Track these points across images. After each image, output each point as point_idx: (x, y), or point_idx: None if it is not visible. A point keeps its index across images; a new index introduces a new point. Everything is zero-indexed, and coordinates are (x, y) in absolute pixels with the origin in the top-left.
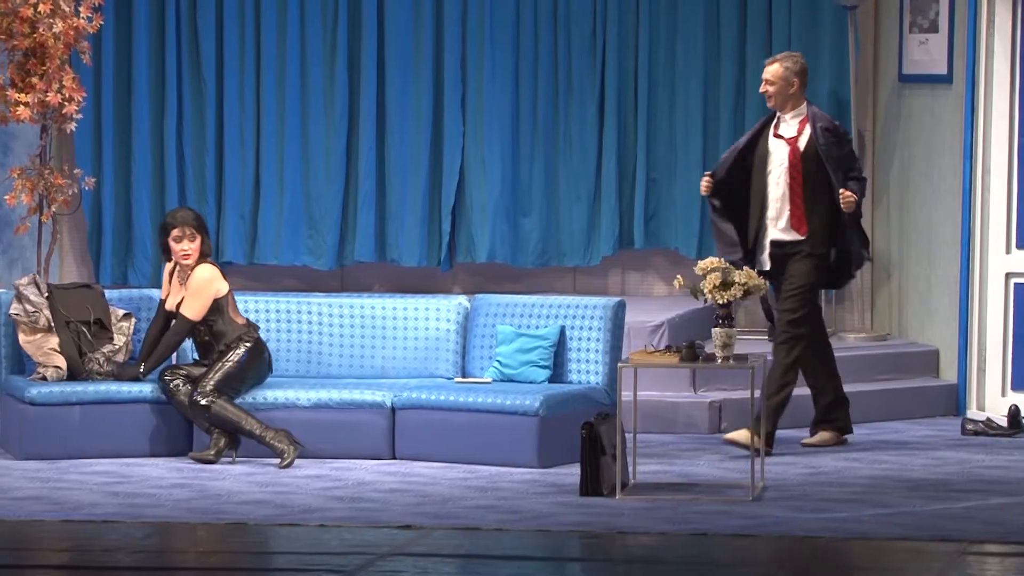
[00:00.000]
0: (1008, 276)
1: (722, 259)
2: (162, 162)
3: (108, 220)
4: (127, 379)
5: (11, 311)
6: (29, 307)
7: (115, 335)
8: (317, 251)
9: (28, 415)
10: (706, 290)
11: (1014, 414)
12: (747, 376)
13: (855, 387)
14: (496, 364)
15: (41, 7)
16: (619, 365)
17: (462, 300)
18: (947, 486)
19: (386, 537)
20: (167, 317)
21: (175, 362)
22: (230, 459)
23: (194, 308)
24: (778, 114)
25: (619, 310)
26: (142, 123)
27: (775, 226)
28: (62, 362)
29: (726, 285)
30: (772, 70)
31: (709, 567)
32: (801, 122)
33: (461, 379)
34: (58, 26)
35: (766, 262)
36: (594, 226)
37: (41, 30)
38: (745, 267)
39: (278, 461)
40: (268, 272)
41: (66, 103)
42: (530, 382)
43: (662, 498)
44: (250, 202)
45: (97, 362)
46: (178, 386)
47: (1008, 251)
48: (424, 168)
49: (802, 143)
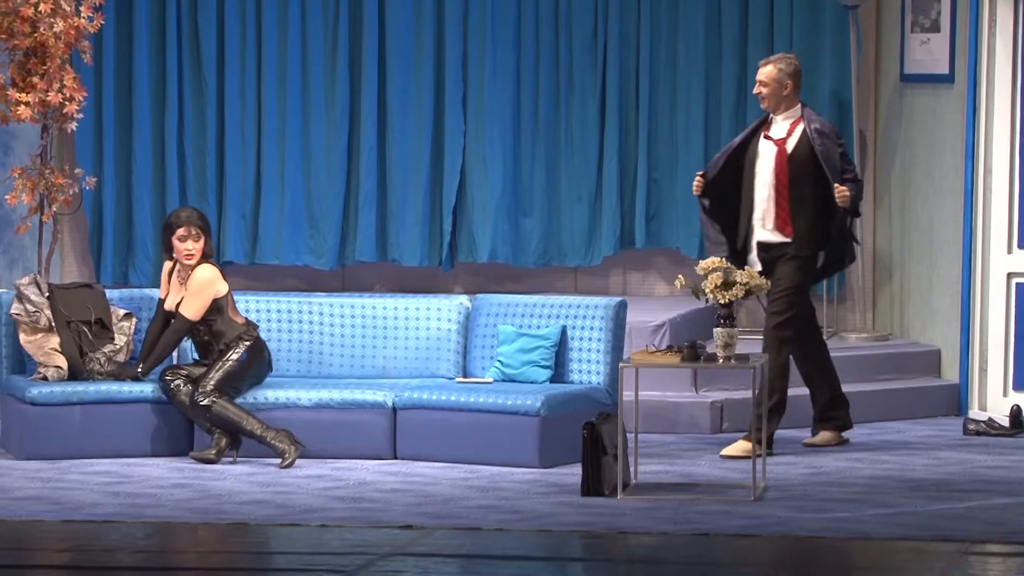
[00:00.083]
0: (1010, 276)
1: (723, 259)
2: (163, 162)
3: (109, 220)
4: (127, 379)
5: (12, 311)
6: (30, 307)
7: (116, 335)
8: (318, 251)
9: (29, 415)
10: (707, 290)
11: (1016, 414)
12: (749, 376)
13: (857, 387)
14: (497, 364)
15: (42, 6)
16: (620, 365)
17: (463, 300)
18: (949, 486)
19: (387, 537)
20: (166, 317)
21: (176, 362)
22: (231, 459)
23: (193, 308)
24: (770, 115)
25: (620, 310)
26: (143, 122)
27: (762, 227)
28: (63, 362)
29: (727, 285)
30: (766, 71)
31: (711, 567)
32: (792, 124)
33: (462, 379)
34: (59, 25)
35: (755, 263)
36: (595, 226)
37: (42, 29)
38: (747, 267)
39: (279, 461)
40: (269, 272)
41: (67, 103)
42: (531, 382)
43: (663, 498)
44: (251, 201)
45: (98, 362)
46: (179, 386)
47: (1010, 251)
48: (425, 167)
49: (790, 145)
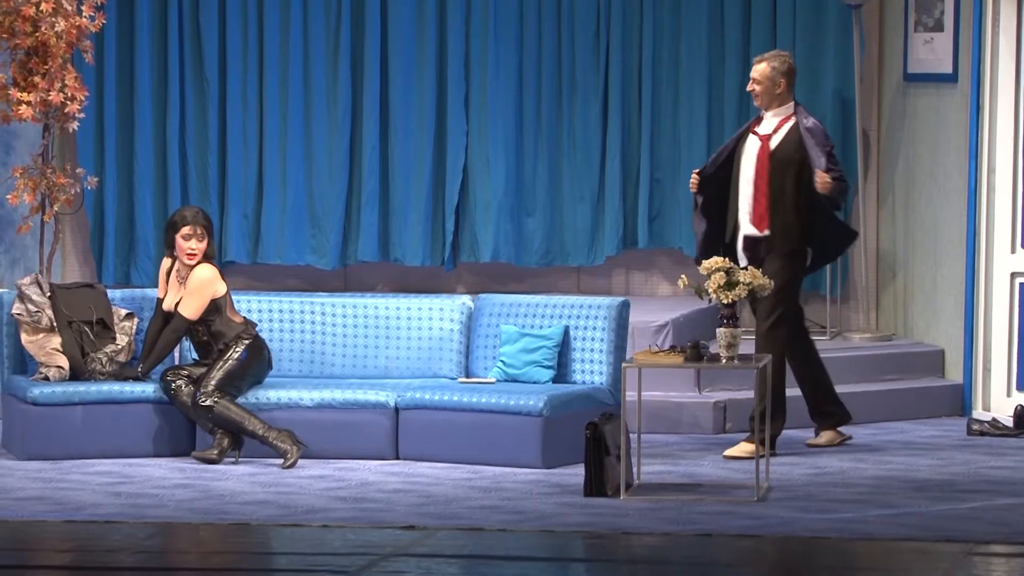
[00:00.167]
0: (1013, 276)
1: (726, 259)
2: (165, 161)
3: (111, 219)
4: (128, 379)
5: (13, 311)
6: (31, 307)
7: (118, 335)
8: (320, 250)
9: (30, 415)
10: (710, 290)
11: (1020, 414)
12: (752, 376)
13: (860, 387)
14: (500, 364)
15: (43, 6)
16: (623, 365)
17: (466, 300)
18: (953, 486)
19: (390, 538)
20: (165, 316)
21: (176, 363)
22: (233, 459)
23: (192, 307)
24: (761, 112)
25: (623, 310)
26: (145, 122)
27: (748, 221)
28: (64, 362)
29: (730, 285)
30: (759, 69)
31: (714, 568)
32: (781, 121)
33: (465, 379)
34: (60, 25)
35: (742, 258)
36: (598, 225)
37: (43, 29)
38: (750, 267)
39: (281, 461)
40: (271, 272)
41: (68, 102)
42: (534, 382)
43: (666, 498)
44: (253, 201)
45: (100, 362)
46: (180, 387)
47: (1013, 250)
48: (428, 167)
49: (774, 141)
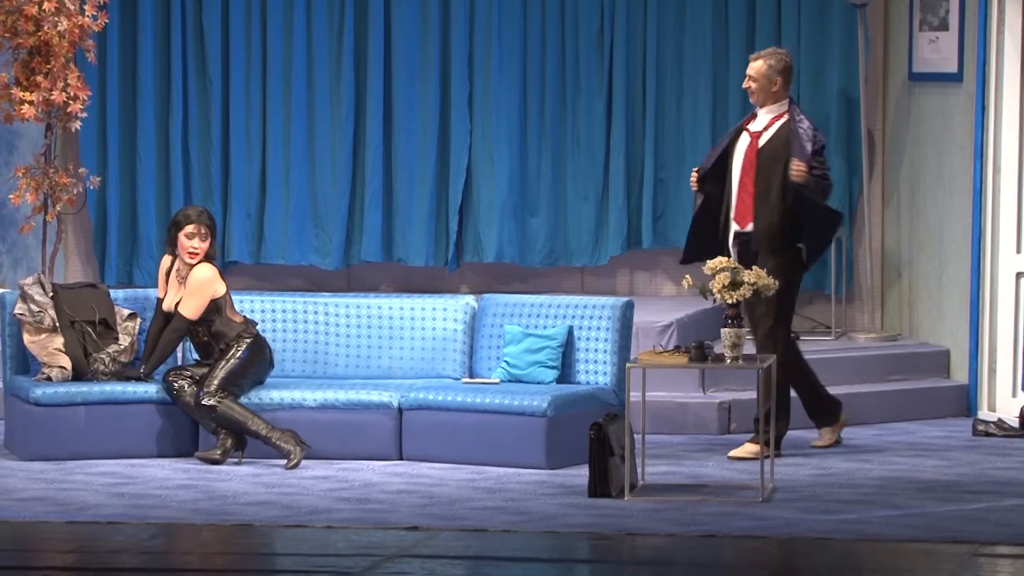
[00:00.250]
0: (1019, 276)
1: (729, 259)
2: (168, 161)
3: (113, 219)
4: (130, 380)
5: (16, 311)
6: (34, 307)
7: (120, 335)
8: (323, 250)
9: (33, 416)
10: (715, 290)
11: None
12: (756, 376)
13: (865, 388)
14: (504, 364)
15: (46, 5)
16: (628, 365)
17: (469, 300)
18: (958, 487)
19: (393, 538)
20: (166, 316)
21: (179, 363)
22: (237, 459)
23: (191, 307)
24: (756, 109)
25: (627, 310)
26: (147, 122)
27: (732, 217)
28: (67, 362)
29: (735, 285)
30: (756, 67)
31: (718, 569)
32: (773, 119)
33: (468, 379)
34: (63, 24)
35: (732, 255)
36: (602, 225)
37: (46, 28)
38: (754, 266)
39: (284, 462)
40: (274, 272)
41: (71, 102)
42: (538, 383)
43: (671, 499)
44: (256, 201)
45: (102, 362)
46: (183, 388)
47: (1019, 250)
48: (431, 167)
49: (764, 138)
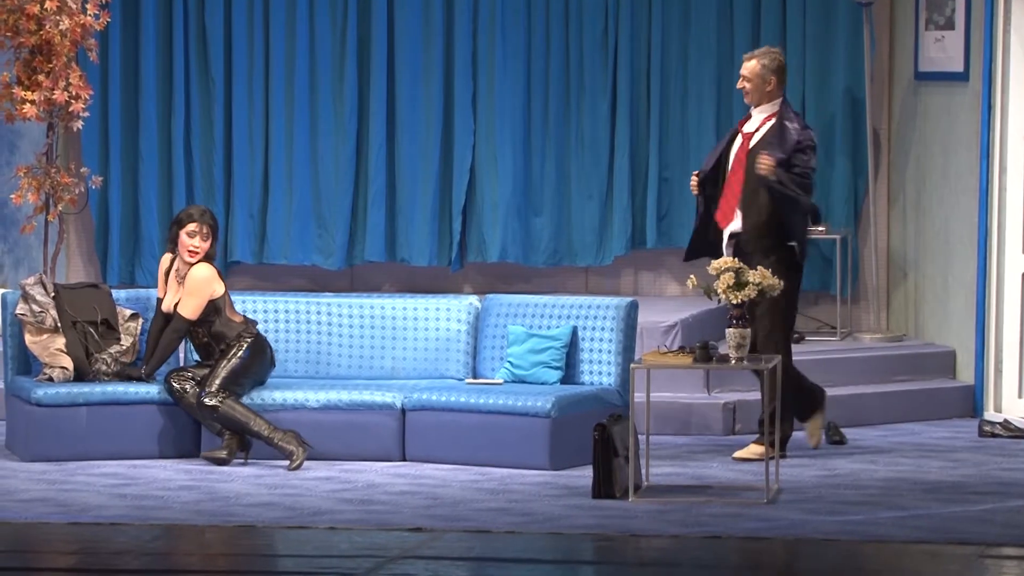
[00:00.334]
0: None
1: (735, 259)
2: (170, 161)
3: (115, 219)
4: (132, 380)
5: (17, 311)
6: (35, 307)
7: (122, 335)
8: (326, 250)
9: (34, 416)
10: (720, 290)
11: None
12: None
13: (871, 388)
14: (507, 365)
15: (48, 4)
16: (632, 366)
17: (473, 300)
18: (964, 488)
19: (396, 540)
20: (166, 317)
21: (181, 364)
22: (242, 460)
23: (190, 307)
24: (751, 110)
25: (632, 310)
26: (149, 121)
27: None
28: (69, 363)
29: (740, 285)
30: (749, 66)
31: (723, 570)
32: (765, 119)
33: (472, 380)
34: (65, 23)
35: (726, 255)
36: (606, 225)
37: (48, 27)
38: (759, 267)
39: (287, 463)
40: (277, 272)
41: (73, 101)
42: (542, 383)
43: (675, 500)
44: (259, 201)
45: (104, 363)
46: (185, 389)
47: None
48: (434, 167)
49: (755, 139)
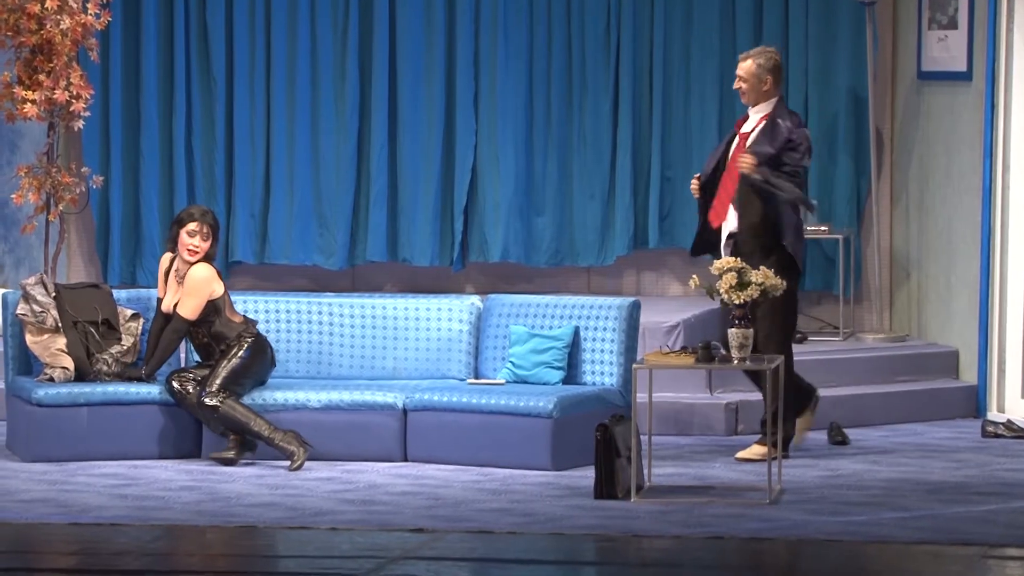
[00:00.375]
0: None
1: (738, 259)
2: (171, 160)
3: (116, 219)
4: (132, 380)
5: (18, 311)
6: (36, 307)
7: (123, 335)
8: (328, 250)
9: (35, 416)
10: (722, 290)
11: None
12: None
13: (873, 388)
14: (509, 365)
15: (49, 3)
16: (634, 366)
17: (475, 300)
18: (967, 489)
19: (398, 540)
20: (166, 317)
21: (182, 365)
22: (249, 459)
23: (189, 307)
24: (748, 110)
25: (634, 310)
26: (151, 121)
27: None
28: (69, 363)
29: (742, 285)
30: (744, 67)
31: (725, 571)
32: (760, 119)
33: (474, 380)
34: (65, 22)
35: (723, 256)
36: (608, 225)
37: (48, 27)
38: (762, 267)
39: (288, 463)
40: (278, 272)
41: (74, 100)
42: (544, 383)
43: (678, 501)
44: (260, 201)
45: (105, 363)
46: (187, 389)
47: None
48: (436, 166)
49: (750, 139)
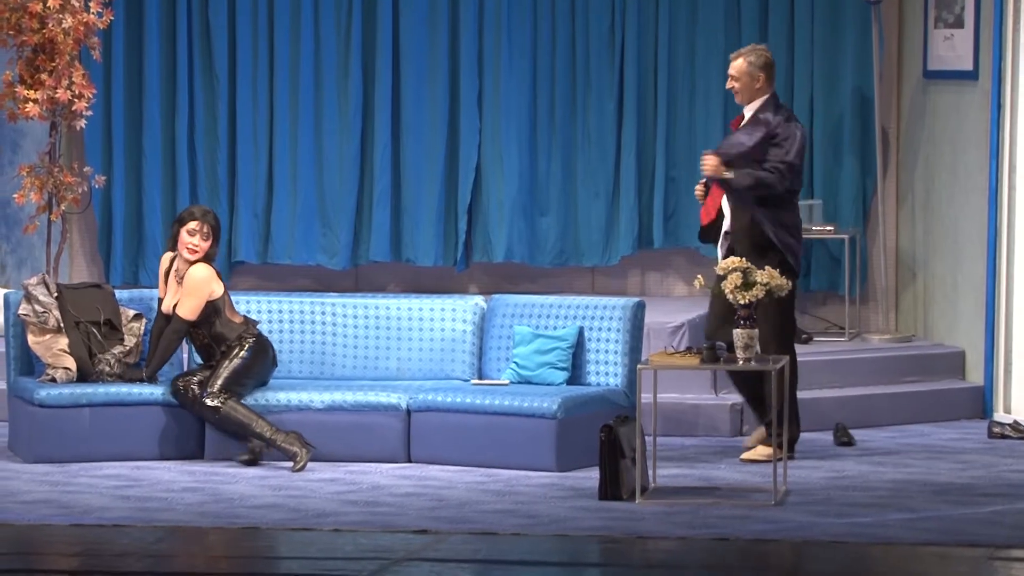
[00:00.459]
0: None
1: (743, 259)
2: (173, 160)
3: (118, 219)
4: (134, 381)
5: (20, 311)
6: (38, 307)
7: (126, 336)
8: (331, 250)
9: (37, 417)
10: (727, 290)
11: None
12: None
13: (879, 389)
14: (513, 366)
15: (51, 2)
16: (639, 367)
17: (478, 300)
18: (973, 490)
19: (401, 542)
20: (167, 318)
21: (185, 368)
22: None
23: (188, 307)
24: (743, 110)
25: (638, 311)
26: (153, 120)
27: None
28: (71, 363)
29: (747, 285)
30: (736, 65)
31: (730, 572)
32: (752, 117)
33: (478, 381)
34: (68, 22)
35: (720, 255)
36: (613, 224)
37: (51, 26)
38: (767, 267)
39: (291, 464)
40: (281, 272)
41: (76, 100)
42: (548, 384)
43: (682, 502)
44: (263, 201)
45: (107, 363)
46: (191, 391)
47: None
48: (440, 166)
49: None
